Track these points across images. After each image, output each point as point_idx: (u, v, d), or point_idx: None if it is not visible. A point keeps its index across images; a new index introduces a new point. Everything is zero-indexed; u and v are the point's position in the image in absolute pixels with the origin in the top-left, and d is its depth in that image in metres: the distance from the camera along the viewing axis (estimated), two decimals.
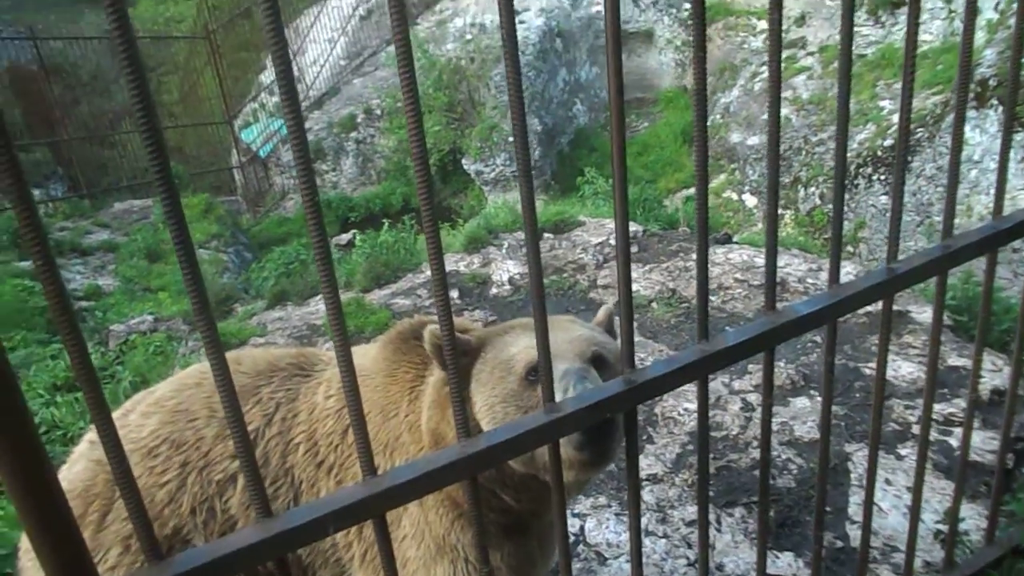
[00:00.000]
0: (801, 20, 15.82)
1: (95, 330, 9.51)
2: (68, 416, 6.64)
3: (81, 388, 1.25)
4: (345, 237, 14.09)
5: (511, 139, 16.11)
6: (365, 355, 2.63)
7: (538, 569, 2.57)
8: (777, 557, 3.86)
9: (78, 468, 2.40)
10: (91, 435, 2.56)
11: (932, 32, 13.08)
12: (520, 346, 2.13)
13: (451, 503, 2.29)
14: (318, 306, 8.38)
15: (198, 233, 14.71)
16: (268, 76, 20.85)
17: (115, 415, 2.58)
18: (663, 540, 4.06)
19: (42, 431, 6.49)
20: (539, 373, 1.66)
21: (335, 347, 1.46)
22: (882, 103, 12.90)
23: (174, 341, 8.58)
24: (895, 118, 12.18)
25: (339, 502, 1.51)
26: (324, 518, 1.48)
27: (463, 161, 16.81)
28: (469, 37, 17.68)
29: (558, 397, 1.86)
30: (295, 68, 20.31)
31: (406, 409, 2.40)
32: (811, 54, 15.29)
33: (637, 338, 6.44)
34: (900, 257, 2.17)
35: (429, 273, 8.06)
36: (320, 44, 20.42)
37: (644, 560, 3.85)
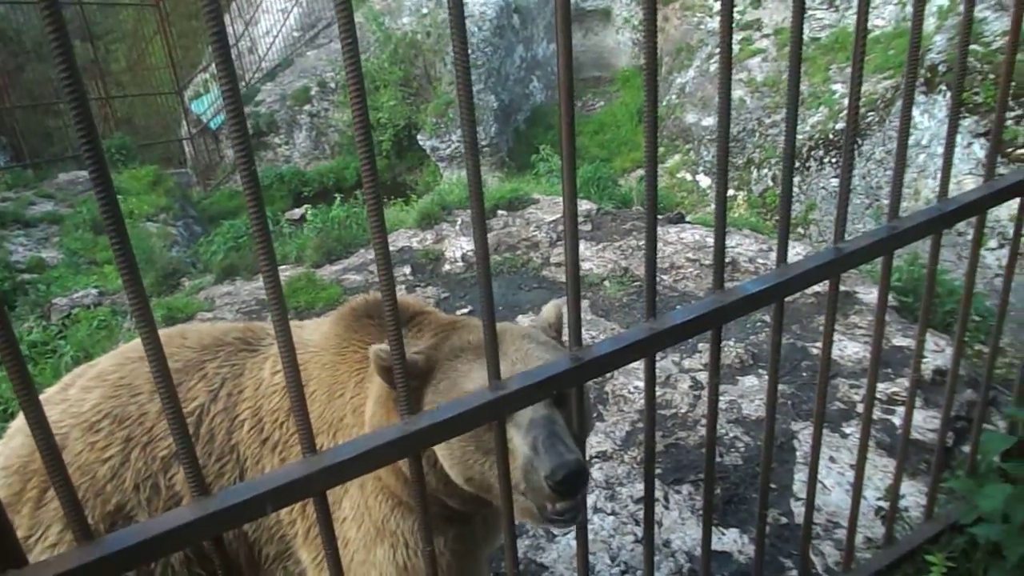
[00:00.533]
0: (756, 2, 15.92)
1: (37, 303, 9.29)
2: (7, 391, 6.47)
3: (3, 363, 1.20)
4: (298, 212, 13.93)
5: None
6: (316, 329, 2.58)
7: (482, 551, 2.55)
8: (723, 534, 3.90)
9: (15, 443, 2.32)
10: None
11: (884, 17, 13.25)
12: (475, 382, 1.94)
13: (389, 493, 2.25)
14: None
15: (146, 206, 14.42)
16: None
17: (54, 389, 2.51)
18: (611, 517, 4.08)
19: None
20: (487, 358, 1.63)
21: (273, 323, 1.42)
22: (835, 86, 13.05)
23: (119, 315, 8.40)
24: (847, 101, 12.37)
25: (278, 480, 1.48)
26: (262, 496, 1.45)
27: (418, 137, 16.67)
28: (425, 11, 17.49)
29: (523, 450, 1.82)
30: (247, 39, 19.92)
31: (352, 390, 2.34)
32: (766, 36, 15.40)
33: (589, 316, 6.46)
34: (847, 238, 2.19)
35: (371, 231, 8.04)
36: (273, 14, 20.04)
37: (592, 537, 3.88)
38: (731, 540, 3.88)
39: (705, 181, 14.64)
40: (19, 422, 2.44)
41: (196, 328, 2.64)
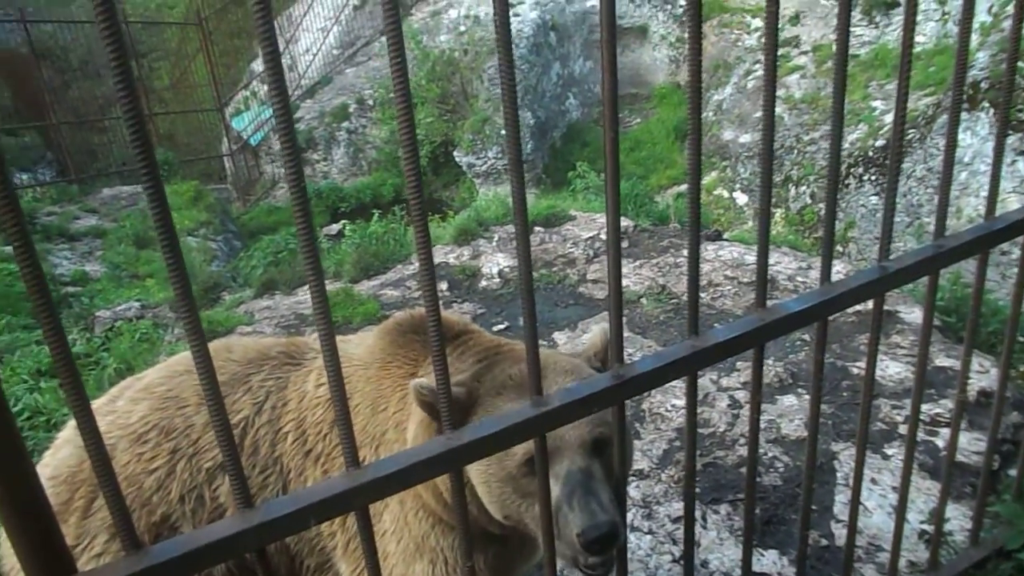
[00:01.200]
0: (795, 19, 15.83)
1: (81, 316, 9.45)
2: (52, 402, 6.58)
3: (59, 375, 1.23)
4: (335, 227, 14.04)
5: (503, 132, 16.10)
6: (361, 343, 2.60)
7: (519, 568, 2.55)
8: (762, 555, 3.86)
9: (63, 454, 2.37)
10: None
11: (926, 34, 13.10)
12: None
13: (428, 511, 2.26)
14: (306, 295, 8.34)
15: (187, 221, 14.64)
16: (260, 64, 20.68)
17: (102, 401, 2.55)
18: (648, 536, 4.05)
19: (25, 417, 6.43)
20: (528, 375, 1.63)
21: (320, 337, 1.43)
22: (874, 103, 12.92)
23: (160, 328, 8.52)
24: (887, 119, 12.22)
25: (321, 493, 1.49)
26: (305, 510, 1.46)
27: (455, 153, 16.76)
28: (463, 29, 17.62)
29: (559, 503, 1.89)
30: (287, 57, 20.24)
31: (395, 405, 2.35)
32: (804, 53, 15.29)
33: (626, 333, 6.43)
34: (891, 257, 2.16)
35: (418, 265, 8.06)
36: (313, 33, 20.32)
37: (629, 556, 3.85)
38: (770, 561, 3.83)
39: (742, 198, 14.53)
40: (66, 433, 2.48)
41: (241, 342, 2.70)
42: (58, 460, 2.34)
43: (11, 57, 20.19)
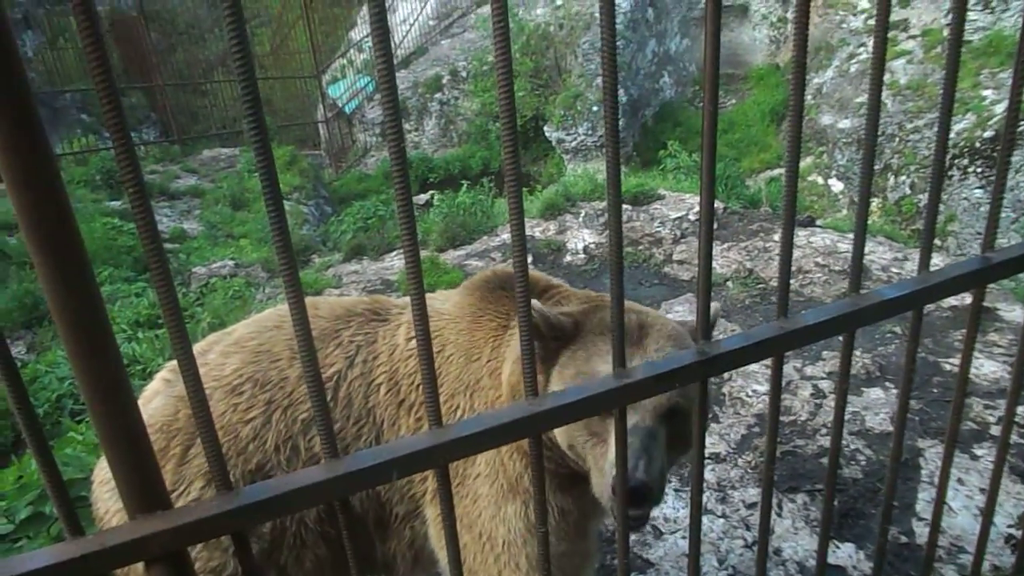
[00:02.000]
0: (905, 1, 15.21)
1: (178, 272, 9.82)
2: (148, 352, 6.88)
3: (165, 323, 1.29)
4: (423, 197, 14.21)
5: (595, 108, 15.99)
6: (445, 300, 2.66)
7: (594, 518, 2.58)
8: (838, 547, 3.79)
9: (156, 404, 2.44)
10: (165, 373, 2.61)
11: None
12: (608, 365, 1.99)
13: (522, 452, 2.32)
14: (393, 262, 8.48)
15: (281, 184, 14.92)
16: (358, 32, 21.02)
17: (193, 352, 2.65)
18: (721, 520, 4.02)
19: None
20: (612, 341, 1.63)
21: (410, 292, 1.46)
22: (985, 92, 12.36)
23: (252, 287, 8.79)
24: (997, 109, 11.69)
25: (404, 449, 1.52)
26: (388, 463, 1.50)
27: (545, 128, 16.72)
28: (559, 3, 17.50)
29: (611, 453, 1.94)
30: None
31: (489, 355, 2.43)
32: (913, 37, 14.71)
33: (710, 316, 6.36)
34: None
35: (504, 236, 8.04)
36: (411, 2, 20.47)
37: (701, 538, 3.83)
38: (846, 555, 3.76)
39: (837, 186, 14.13)
40: (155, 385, 2.57)
41: (326, 300, 2.75)
42: (151, 410, 2.42)
43: (121, 19, 20.94)
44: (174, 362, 2.55)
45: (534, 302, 2.08)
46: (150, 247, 1.21)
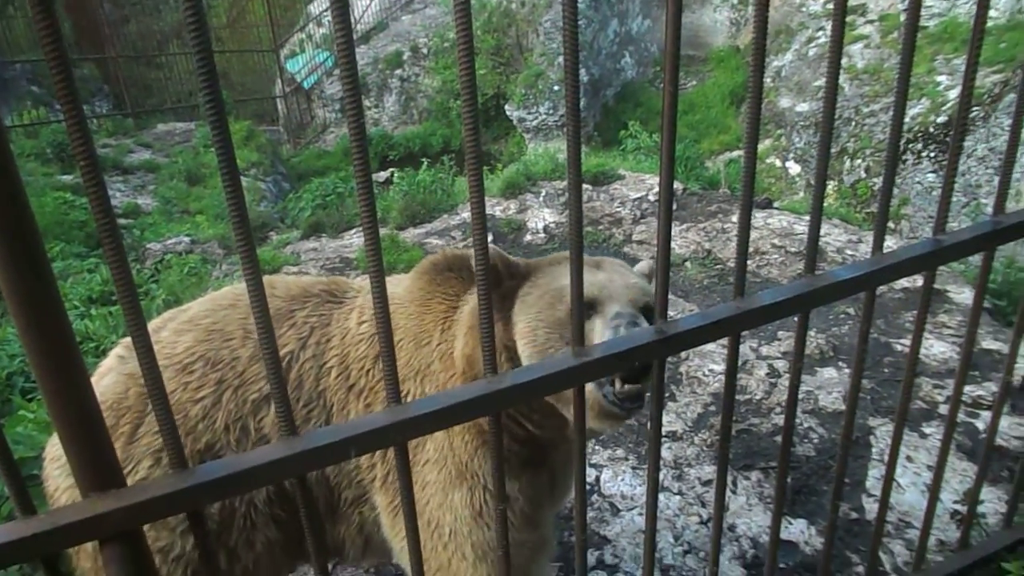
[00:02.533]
0: None
1: (132, 248, 9.66)
2: (101, 329, 6.75)
3: (119, 300, 1.27)
4: (383, 175, 14.11)
5: (556, 88, 15.96)
6: (398, 284, 2.65)
7: (548, 507, 2.59)
8: (790, 523, 3.86)
9: (108, 381, 2.40)
10: (119, 350, 2.55)
11: (999, 8, 12.66)
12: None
13: (477, 430, 2.33)
14: (352, 239, 8.42)
15: (238, 160, 14.78)
16: (317, 6, 20.72)
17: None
18: (677, 497, 4.07)
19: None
20: (572, 315, 1.64)
21: (370, 274, 1.45)
22: (939, 78, 12.56)
23: (208, 264, 8.68)
24: (951, 94, 11.89)
25: (363, 427, 1.52)
26: (347, 441, 1.50)
27: (506, 107, 16.67)
28: None
29: (606, 336, 1.94)
30: None
31: (439, 338, 2.43)
32: (871, 22, 14.89)
33: (669, 296, 6.42)
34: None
35: (465, 215, 7.99)
36: None
37: (657, 515, 3.88)
38: (798, 531, 3.84)
39: (795, 168, 14.29)
40: (108, 362, 2.52)
41: (283, 279, 2.72)
42: (103, 387, 2.37)
43: None
44: (128, 339, 2.51)
45: (490, 245, 2.10)
46: (103, 222, 1.19)
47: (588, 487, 4.08)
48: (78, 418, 1.29)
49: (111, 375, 2.43)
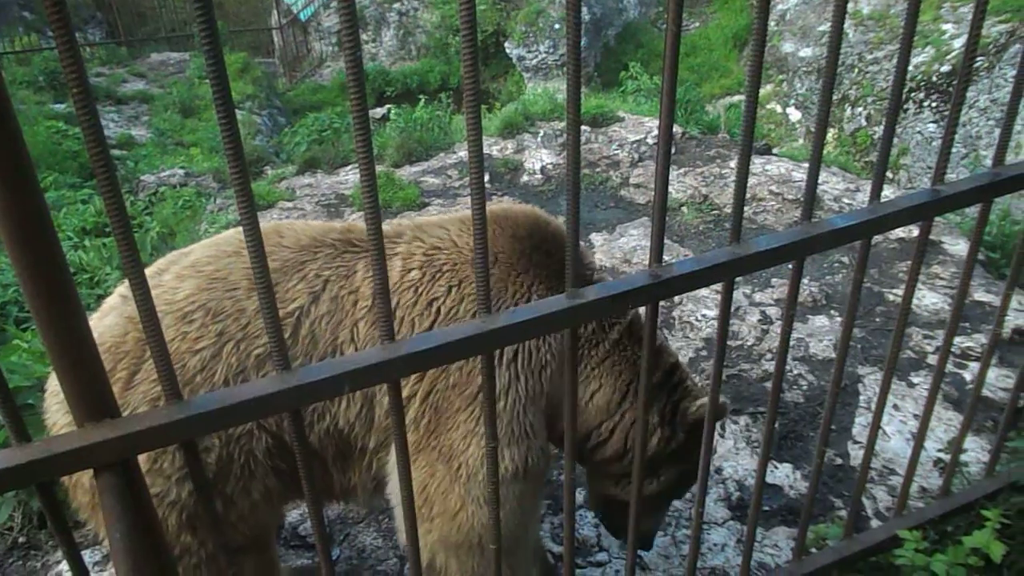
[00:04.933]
0: None
1: (126, 179, 9.59)
2: (95, 260, 6.74)
3: (113, 232, 1.26)
4: (379, 111, 13.96)
5: (557, 26, 15.71)
6: (461, 232, 2.57)
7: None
8: (776, 467, 3.93)
9: (108, 321, 2.34)
10: (123, 288, 2.47)
11: None
12: None
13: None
14: (347, 176, 8.37)
15: (233, 93, 14.58)
16: None
17: (147, 273, 2.54)
18: None
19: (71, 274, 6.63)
20: (567, 257, 1.64)
21: (365, 211, 1.45)
22: (945, 27, 12.37)
23: (203, 197, 8.63)
24: (956, 44, 11.72)
25: (357, 363, 1.53)
26: (341, 376, 1.50)
27: (506, 45, 16.42)
28: None
29: None
30: None
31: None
32: None
33: (664, 240, 6.41)
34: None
35: (461, 154, 7.93)
36: None
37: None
38: (783, 475, 3.90)
39: (795, 115, 14.16)
40: (112, 300, 2.45)
41: (292, 227, 2.59)
42: (103, 327, 2.31)
43: None
44: None
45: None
46: (96, 153, 1.18)
47: None
48: (72, 348, 1.29)
49: (112, 315, 2.35)
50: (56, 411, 2.33)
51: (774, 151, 8.60)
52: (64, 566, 3.48)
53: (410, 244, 2.50)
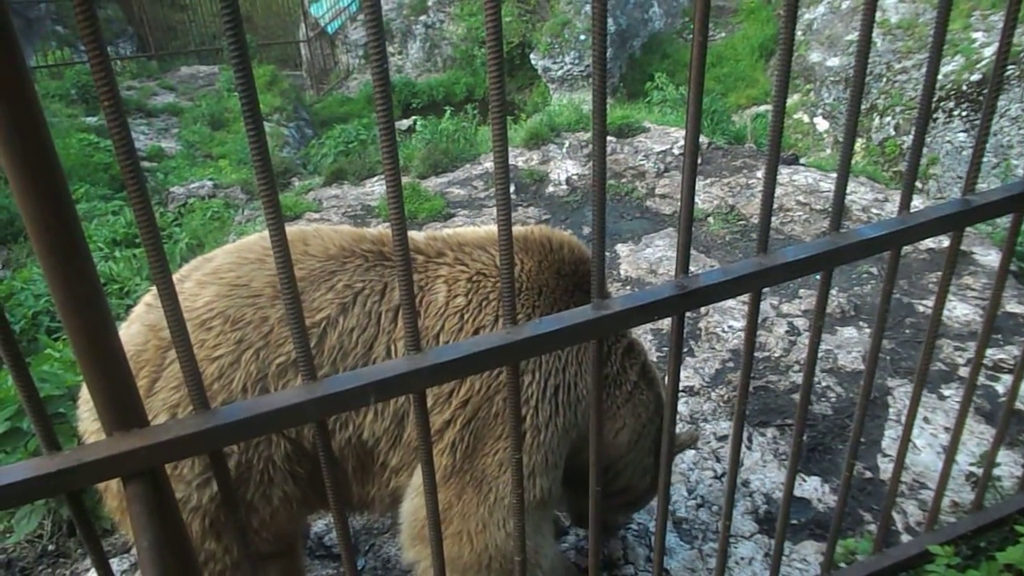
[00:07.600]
0: None
1: (155, 191, 9.70)
2: (125, 271, 6.83)
3: (143, 242, 1.27)
4: (406, 122, 14.02)
5: (582, 37, 15.73)
6: (491, 243, 2.58)
7: None
8: (804, 480, 3.88)
9: (132, 330, 2.34)
10: (148, 297, 2.48)
11: None
12: None
13: None
14: (374, 187, 8.41)
15: (261, 105, 14.72)
16: None
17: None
18: (692, 451, 4.10)
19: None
20: (593, 265, 1.64)
21: (391, 223, 1.45)
22: (975, 35, 12.24)
23: (231, 208, 8.71)
24: (987, 52, 11.60)
25: (383, 373, 1.53)
26: (367, 387, 1.51)
27: (531, 56, 16.45)
28: None
29: None
30: None
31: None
32: None
33: (690, 251, 6.38)
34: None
35: (487, 165, 7.93)
36: None
37: (672, 468, 3.91)
38: (812, 488, 3.85)
39: (823, 124, 14.06)
40: (139, 309, 2.46)
41: (317, 234, 2.55)
42: (128, 336, 2.31)
43: None
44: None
45: None
46: (127, 165, 1.19)
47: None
48: (102, 357, 1.31)
49: (136, 324, 2.36)
50: (88, 419, 2.36)
51: (801, 161, 8.54)
52: (93, 574, 3.51)
53: (453, 267, 2.48)
